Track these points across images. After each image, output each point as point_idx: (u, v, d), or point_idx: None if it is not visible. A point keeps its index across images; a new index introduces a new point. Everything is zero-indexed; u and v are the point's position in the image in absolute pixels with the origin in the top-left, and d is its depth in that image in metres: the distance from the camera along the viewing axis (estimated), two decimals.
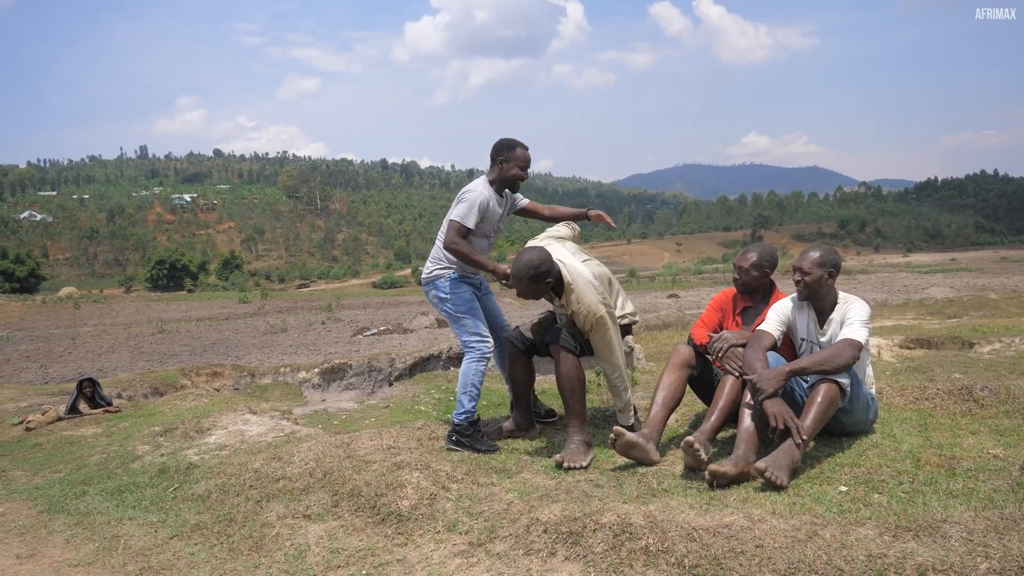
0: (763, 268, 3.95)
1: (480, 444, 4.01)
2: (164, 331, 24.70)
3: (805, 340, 3.73)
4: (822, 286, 3.58)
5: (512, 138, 4.22)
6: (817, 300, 3.64)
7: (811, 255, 3.62)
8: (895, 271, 41.71)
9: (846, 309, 3.59)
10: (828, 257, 3.60)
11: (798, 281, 3.61)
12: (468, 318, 4.14)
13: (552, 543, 2.61)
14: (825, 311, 3.65)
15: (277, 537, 3.02)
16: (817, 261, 3.57)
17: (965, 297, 19.05)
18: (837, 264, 3.63)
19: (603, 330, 3.79)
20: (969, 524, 2.43)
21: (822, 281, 3.56)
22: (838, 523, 2.54)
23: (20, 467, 4.78)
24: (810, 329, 3.71)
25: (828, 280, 3.57)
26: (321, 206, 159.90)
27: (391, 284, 75.48)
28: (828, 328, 3.63)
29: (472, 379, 4.11)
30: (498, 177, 4.16)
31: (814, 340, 3.68)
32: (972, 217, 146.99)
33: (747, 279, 3.95)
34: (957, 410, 4.01)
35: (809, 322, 3.71)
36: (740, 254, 4.05)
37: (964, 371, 7.37)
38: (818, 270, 3.55)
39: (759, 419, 3.30)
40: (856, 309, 3.56)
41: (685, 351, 3.90)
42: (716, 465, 3.15)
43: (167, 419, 5.78)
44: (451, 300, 4.14)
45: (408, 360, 10.70)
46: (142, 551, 3.04)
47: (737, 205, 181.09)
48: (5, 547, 3.23)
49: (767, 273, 3.98)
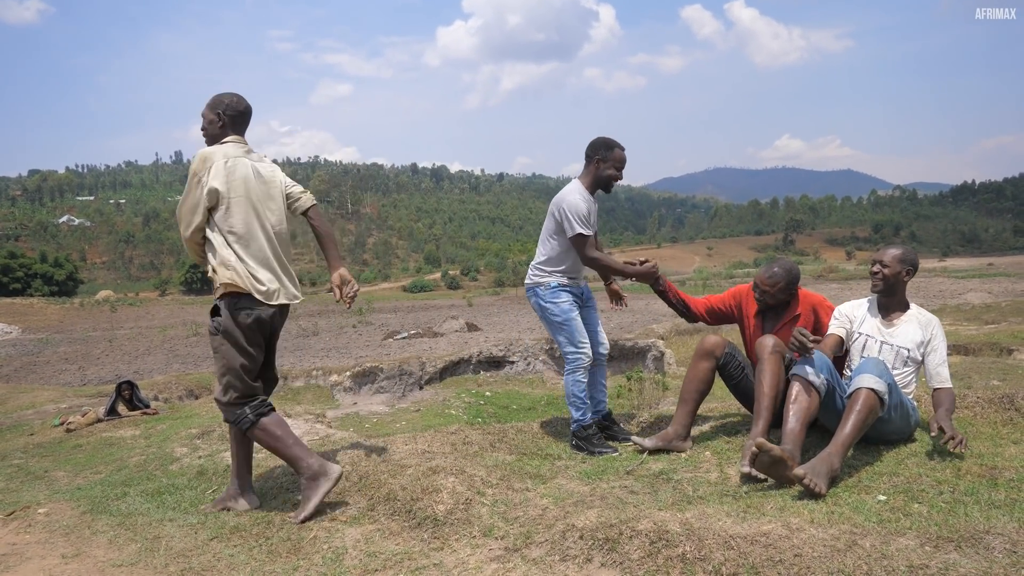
0: (791, 289, 3.95)
1: (595, 447, 4.08)
2: (198, 334, 25.05)
3: (865, 335, 3.76)
4: (898, 282, 3.67)
5: (609, 137, 4.16)
6: (888, 295, 3.72)
7: (892, 250, 3.72)
8: (931, 275, 41.05)
9: (933, 331, 3.64)
10: (909, 255, 3.71)
11: (876, 272, 3.69)
12: (567, 327, 4.12)
13: (588, 549, 2.61)
14: (892, 309, 3.74)
15: (315, 540, 3.05)
16: (899, 257, 3.67)
17: (1003, 302, 18.70)
18: (916, 264, 3.73)
19: None
20: (1013, 536, 2.39)
21: (899, 277, 3.66)
22: (878, 533, 2.52)
23: (62, 468, 4.88)
24: (873, 325, 3.75)
25: (905, 277, 3.67)
26: (352, 210, 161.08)
27: (421, 288, 75.79)
28: (898, 328, 3.68)
29: (572, 390, 4.16)
30: (593, 177, 4.13)
31: (876, 336, 3.72)
32: (1010, 221, 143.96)
33: (771, 301, 3.96)
34: (998, 419, 3.94)
35: (873, 318, 3.77)
36: (762, 272, 4.00)
37: (1003, 378, 7.25)
38: (898, 265, 3.65)
39: (805, 420, 3.32)
40: (942, 339, 3.64)
41: (709, 340, 3.94)
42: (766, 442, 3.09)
43: (203, 421, 5.87)
44: (551, 309, 4.14)
45: (438, 364, 10.76)
46: (183, 552, 3.09)
47: (769, 209, 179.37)
48: (51, 547, 3.30)
49: (792, 293, 3.98)
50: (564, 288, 4.14)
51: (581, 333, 4.13)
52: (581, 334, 4.13)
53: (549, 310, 4.13)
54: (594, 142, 4.15)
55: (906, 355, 3.63)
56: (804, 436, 3.32)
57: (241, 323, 3.41)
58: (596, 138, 4.16)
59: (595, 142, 4.14)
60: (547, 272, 4.17)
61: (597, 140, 4.14)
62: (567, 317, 4.10)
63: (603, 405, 4.40)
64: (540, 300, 4.17)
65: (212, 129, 3.55)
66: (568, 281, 4.16)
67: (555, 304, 4.11)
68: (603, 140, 4.13)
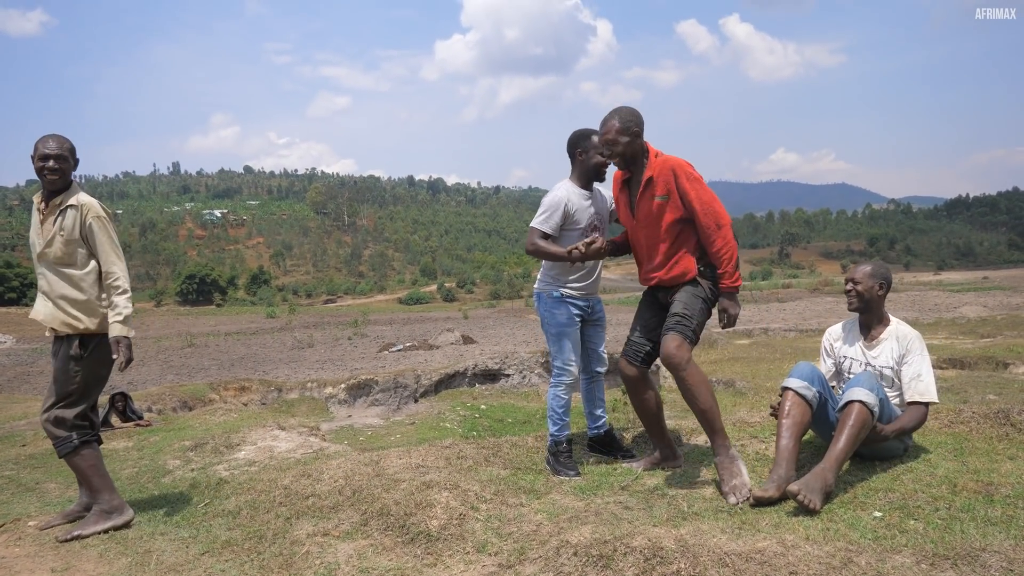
0: (627, 131, 3.62)
1: (559, 467, 4.00)
2: (193, 345, 24.98)
3: (850, 358, 3.79)
4: (874, 297, 3.69)
5: (585, 128, 4.06)
6: (866, 311, 3.74)
7: (862, 267, 3.77)
8: (926, 289, 41.10)
9: (909, 345, 3.63)
10: (880, 270, 3.74)
11: (850, 291, 3.73)
12: (559, 341, 4.06)
13: (582, 566, 2.59)
14: (872, 326, 3.75)
15: (307, 555, 3.03)
16: (869, 273, 3.71)
17: (999, 316, 18.73)
18: (889, 279, 3.75)
19: None
20: (1009, 553, 2.38)
21: (874, 292, 3.68)
22: (873, 550, 2.50)
23: (54, 479, 4.85)
24: (857, 347, 3.77)
25: (879, 291, 3.69)
26: (348, 222, 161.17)
27: (417, 300, 75.75)
28: (878, 347, 3.69)
29: (552, 404, 4.11)
30: (581, 171, 4.04)
31: (860, 359, 3.74)
32: (1005, 235, 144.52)
33: (618, 151, 3.65)
34: (994, 434, 3.93)
35: (856, 340, 3.80)
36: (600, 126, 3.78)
37: (999, 392, 7.24)
38: (870, 280, 3.69)
39: (798, 434, 3.33)
40: (918, 352, 3.62)
41: (623, 369, 3.92)
42: (760, 490, 3.15)
43: (197, 434, 5.83)
44: (547, 319, 4.10)
45: (434, 376, 10.74)
46: (174, 567, 3.06)
47: (764, 222, 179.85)
48: (41, 560, 3.27)
49: (640, 146, 3.68)
50: (568, 300, 4.06)
51: (572, 350, 4.06)
52: (572, 351, 4.06)
53: (546, 320, 4.10)
54: (571, 137, 4.06)
55: (890, 375, 3.65)
56: (798, 451, 3.33)
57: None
58: (572, 133, 4.07)
59: (572, 136, 4.06)
60: (550, 280, 4.10)
61: (573, 135, 4.06)
62: (561, 331, 4.04)
63: (602, 421, 4.35)
64: (542, 308, 4.13)
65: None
66: (573, 293, 4.07)
67: (553, 315, 4.06)
68: (579, 132, 4.05)
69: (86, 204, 3.62)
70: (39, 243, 3.62)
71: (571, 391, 4.11)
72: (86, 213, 3.60)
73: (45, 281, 3.63)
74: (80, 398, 3.68)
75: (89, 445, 3.72)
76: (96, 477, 3.72)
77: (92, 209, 3.62)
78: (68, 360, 3.61)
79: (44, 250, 3.58)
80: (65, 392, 3.63)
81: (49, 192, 3.62)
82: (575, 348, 4.08)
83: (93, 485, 3.71)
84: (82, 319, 3.60)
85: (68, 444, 3.65)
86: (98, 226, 3.62)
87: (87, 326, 3.62)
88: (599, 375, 4.30)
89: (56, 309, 3.60)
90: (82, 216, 3.59)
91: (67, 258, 3.59)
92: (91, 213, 3.61)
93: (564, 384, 4.07)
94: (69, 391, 3.64)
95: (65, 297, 3.59)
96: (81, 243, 3.61)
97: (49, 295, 3.62)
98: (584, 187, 4.06)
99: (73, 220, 3.58)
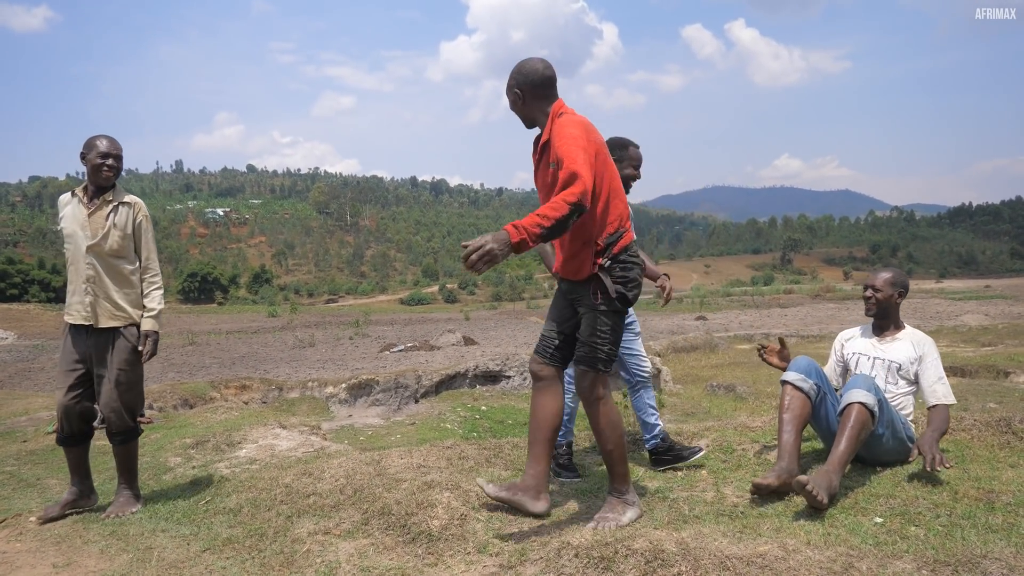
0: (519, 85, 3.17)
1: (559, 472, 3.95)
2: (194, 343, 25.02)
3: (858, 353, 3.83)
4: (891, 305, 3.74)
5: (622, 136, 4.00)
6: (882, 318, 3.79)
7: (883, 275, 3.80)
8: (928, 297, 41.10)
9: (925, 348, 3.66)
10: (899, 278, 3.79)
11: (869, 297, 3.77)
12: None
13: (583, 568, 2.59)
14: (885, 329, 3.80)
15: (308, 553, 3.03)
16: (890, 280, 3.75)
17: (1000, 325, 18.73)
18: (907, 286, 3.80)
19: None
20: (1010, 561, 2.38)
21: (892, 300, 3.73)
22: (874, 556, 2.51)
23: (55, 476, 4.86)
24: (867, 343, 3.83)
25: (897, 299, 3.75)
26: (351, 222, 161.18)
27: (418, 301, 75.76)
28: (892, 344, 3.73)
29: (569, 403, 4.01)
30: None
31: (869, 353, 3.78)
32: (1007, 244, 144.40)
33: (517, 105, 3.18)
34: (995, 442, 3.93)
35: (867, 338, 3.85)
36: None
37: (999, 401, 7.25)
38: (890, 288, 3.73)
39: (799, 428, 3.37)
40: (935, 358, 3.66)
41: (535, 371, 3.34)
42: (760, 478, 3.19)
43: (198, 432, 5.84)
44: None
45: (435, 377, 10.74)
46: (175, 563, 3.06)
47: (767, 228, 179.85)
48: (42, 556, 3.27)
49: (540, 108, 3.18)
50: None
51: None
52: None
53: None
54: (608, 142, 3.99)
55: (897, 369, 3.67)
56: (800, 443, 3.39)
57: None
58: (610, 138, 3.90)
59: (609, 142, 3.82)
60: None
61: (611, 140, 3.90)
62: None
63: (658, 429, 4.03)
64: None
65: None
66: None
67: None
68: (617, 140, 3.97)
69: (138, 203, 3.90)
70: (85, 235, 3.77)
71: (577, 401, 3.93)
72: (138, 211, 3.88)
73: (94, 271, 3.77)
74: (141, 385, 3.95)
75: None
76: (135, 464, 4.04)
77: (143, 208, 3.91)
78: (131, 351, 3.81)
79: (98, 242, 3.76)
80: (133, 380, 3.85)
81: (99, 188, 3.83)
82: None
83: (132, 470, 4.00)
84: (128, 311, 3.82)
85: (135, 433, 3.94)
86: (147, 225, 3.91)
87: (132, 318, 3.83)
88: (643, 382, 4.08)
89: (103, 302, 3.78)
90: (134, 213, 3.86)
91: (122, 251, 3.81)
92: (142, 212, 3.90)
93: (571, 393, 3.96)
94: (136, 378, 3.87)
95: (117, 289, 3.80)
96: (131, 239, 3.84)
97: (96, 286, 3.77)
98: None
99: (127, 216, 3.83)
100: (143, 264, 3.88)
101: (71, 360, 3.82)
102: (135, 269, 3.86)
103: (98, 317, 3.76)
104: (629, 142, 4.00)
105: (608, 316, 3.04)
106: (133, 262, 3.85)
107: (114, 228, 3.77)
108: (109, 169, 3.78)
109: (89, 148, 3.78)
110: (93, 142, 3.80)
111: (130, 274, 3.83)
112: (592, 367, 3.08)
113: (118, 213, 3.81)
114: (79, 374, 3.82)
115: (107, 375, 3.78)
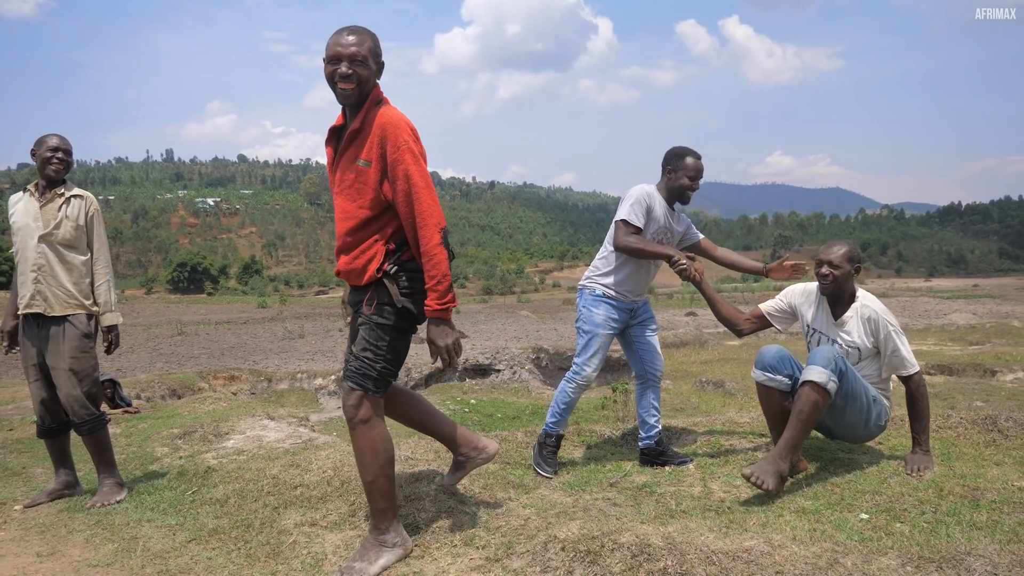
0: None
1: (540, 459, 3.95)
2: (183, 333, 24.91)
3: (815, 330, 3.75)
4: (848, 281, 3.62)
5: (683, 146, 3.98)
6: (839, 294, 3.66)
7: (838, 248, 3.63)
8: (916, 295, 41.32)
9: (878, 326, 3.57)
10: (854, 251, 3.65)
11: (826, 275, 3.60)
12: (587, 341, 3.92)
13: (569, 561, 2.60)
14: (842, 303, 3.67)
15: (294, 545, 3.02)
16: (846, 255, 3.59)
17: (988, 324, 18.85)
18: (861, 258, 3.70)
19: None
20: (994, 558, 2.39)
21: (848, 276, 3.61)
22: (859, 552, 2.52)
23: (40, 464, 4.83)
24: (820, 319, 3.73)
25: (853, 275, 3.63)
26: None
27: None
28: (847, 324, 3.64)
29: (558, 397, 4.02)
30: (666, 187, 3.94)
31: (825, 331, 3.71)
32: (996, 243, 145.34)
33: (347, 87, 2.68)
34: (981, 440, 3.96)
35: (819, 311, 3.75)
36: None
37: (986, 399, 7.29)
38: (847, 264, 3.58)
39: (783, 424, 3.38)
40: (895, 334, 3.56)
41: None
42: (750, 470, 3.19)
43: (186, 422, 5.82)
44: (583, 316, 3.97)
45: (424, 370, 10.75)
46: (160, 554, 3.05)
47: (758, 224, 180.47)
48: (26, 545, 3.25)
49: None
50: (608, 301, 3.92)
51: (595, 355, 3.91)
52: (595, 356, 3.91)
53: (582, 315, 3.98)
54: (668, 152, 3.97)
55: (856, 354, 3.61)
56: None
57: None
58: (671, 148, 4.00)
59: (669, 152, 3.98)
60: (596, 278, 3.98)
61: (671, 150, 3.98)
62: (593, 331, 3.90)
63: (655, 432, 4.04)
64: (581, 303, 4.01)
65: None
66: (616, 295, 3.92)
67: (590, 313, 3.94)
68: (676, 150, 3.97)
69: (89, 197, 3.97)
70: (37, 226, 3.82)
71: (580, 392, 3.97)
72: (90, 204, 3.95)
73: (44, 260, 3.81)
74: (97, 372, 3.94)
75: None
76: (111, 452, 4.01)
77: (94, 202, 3.99)
78: (82, 338, 3.84)
79: (50, 231, 3.80)
80: (88, 368, 3.86)
81: (50, 182, 3.88)
82: (600, 353, 3.92)
83: (108, 459, 3.98)
84: (79, 298, 3.85)
85: (101, 421, 3.94)
86: (98, 218, 3.96)
87: (84, 305, 3.87)
88: (653, 380, 4.06)
89: (55, 289, 3.81)
90: (87, 206, 3.93)
91: (74, 242, 3.86)
92: (93, 205, 3.96)
93: (575, 383, 3.95)
94: (90, 366, 3.88)
95: (67, 277, 3.83)
96: (84, 230, 3.90)
97: (45, 274, 3.80)
98: (667, 201, 3.96)
99: (79, 208, 3.89)
100: (94, 255, 3.93)
101: (32, 353, 3.86)
102: (86, 260, 3.90)
103: (51, 304, 3.79)
104: (687, 152, 3.93)
105: (387, 331, 2.67)
106: (84, 253, 3.89)
107: (67, 219, 3.83)
108: (59, 162, 3.85)
109: (39, 144, 3.87)
110: (43, 139, 3.89)
111: (81, 264, 3.87)
112: (361, 386, 2.67)
113: (70, 205, 3.87)
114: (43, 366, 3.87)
115: (61, 366, 3.79)
